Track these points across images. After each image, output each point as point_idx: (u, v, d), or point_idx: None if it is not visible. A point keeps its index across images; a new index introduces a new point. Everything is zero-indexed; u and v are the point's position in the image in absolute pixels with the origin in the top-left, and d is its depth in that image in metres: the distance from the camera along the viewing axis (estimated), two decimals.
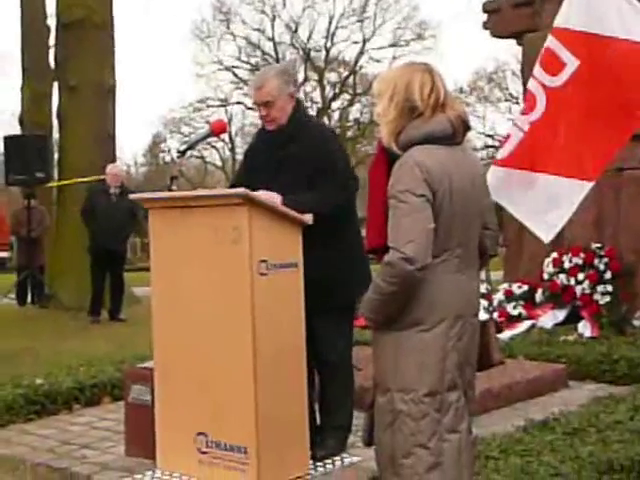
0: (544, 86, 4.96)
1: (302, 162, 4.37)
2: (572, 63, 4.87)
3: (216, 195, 4.35)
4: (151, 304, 4.49)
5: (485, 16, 9.20)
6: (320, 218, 4.23)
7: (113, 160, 12.74)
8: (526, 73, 8.49)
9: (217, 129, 4.45)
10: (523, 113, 5.08)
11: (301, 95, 32.34)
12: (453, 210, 3.03)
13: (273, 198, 4.20)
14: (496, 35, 9.14)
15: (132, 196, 4.71)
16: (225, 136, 41.09)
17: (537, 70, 5.02)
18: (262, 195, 4.15)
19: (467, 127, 3.18)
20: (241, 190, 4.05)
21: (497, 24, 9.05)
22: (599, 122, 4.87)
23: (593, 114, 4.88)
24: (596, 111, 4.87)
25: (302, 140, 4.42)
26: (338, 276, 4.43)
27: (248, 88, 6.01)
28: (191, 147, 4.44)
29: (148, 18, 45.45)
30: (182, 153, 4.44)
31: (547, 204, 4.96)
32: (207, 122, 5.56)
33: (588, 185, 4.95)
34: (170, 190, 4.39)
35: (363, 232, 3.69)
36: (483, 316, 3.35)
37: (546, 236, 5.05)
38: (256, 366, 4.09)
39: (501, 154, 5.08)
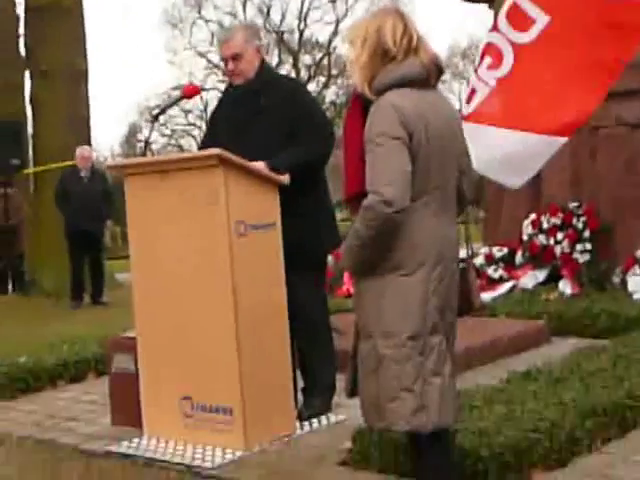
0: (512, 42, 4.94)
1: (275, 113, 4.36)
2: (541, 19, 4.85)
3: (191, 157, 4.34)
4: (130, 271, 4.47)
5: None
6: (301, 171, 4.22)
7: (89, 144, 12.68)
8: None
9: (189, 91, 4.44)
10: (489, 67, 5.04)
11: None
12: (430, 152, 3.03)
13: (259, 167, 4.18)
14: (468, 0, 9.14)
15: (107, 163, 4.69)
16: (202, 123, 40.97)
17: (503, 25, 4.98)
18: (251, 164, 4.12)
19: (440, 70, 3.18)
20: (216, 150, 4.03)
21: None
22: (573, 79, 4.85)
23: (567, 70, 4.86)
24: (570, 67, 4.86)
25: (273, 92, 4.42)
26: (308, 233, 4.44)
27: (216, 43, 6.03)
28: (164, 110, 4.45)
29: (119, 5, 45.20)
30: (155, 117, 4.45)
31: (518, 159, 4.95)
32: (181, 90, 5.59)
33: (561, 140, 4.93)
34: (144, 155, 4.37)
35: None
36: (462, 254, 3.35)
37: (513, 184, 5.04)
38: (238, 326, 4.09)
39: (466, 109, 5.05)
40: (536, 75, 4.91)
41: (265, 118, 4.38)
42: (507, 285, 7.82)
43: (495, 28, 5.04)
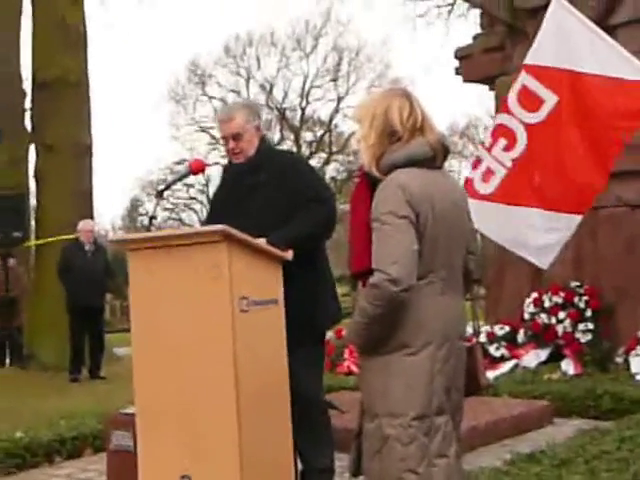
0: (524, 123, 5.02)
1: (275, 188, 4.38)
2: (550, 99, 4.94)
3: (195, 233, 4.34)
4: (131, 345, 4.43)
5: (457, 63, 9.32)
6: (308, 241, 4.21)
7: (92, 217, 12.73)
8: None
9: (196, 167, 4.45)
10: (505, 149, 5.12)
11: None
12: (436, 231, 3.04)
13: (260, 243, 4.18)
14: (468, 80, 9.26)
15: (111, 237, 4.69)
16: (203, 198, 41.20)
17: (514, 106, 5.07)
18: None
19: (447, 151, 3.21)
20: (220, 227, 4.04)
21: (469, 69, 9.18)
22: (581, 156, 4.94)
23: (574, 148, 4.95)
24: (577, 145, 4.94)
25: (272, 167, 4.45)
26: (308, 308, 4.41)
27: (216, 122, 6.12)
28: (169, 186, 4.46)
29: (123, 81, 45.86)
30: (161, 193, 4.44)
31: (536, 234, 5.01)
32: (187, 166, 5.63)
33: (578, 218, 5.01)
34: (149, 230, 4.38)
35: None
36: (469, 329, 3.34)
37: (541, 262, 5.09)
38: (239, 405, 4.03)
39: (484, 189, 5.10)
40: (549, 154, 4.99)
41: (264, 193, 4.40)
42: (509, 364, 7.77)
43: (506, 109, 5.12)
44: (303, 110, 39.70)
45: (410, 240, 2.96)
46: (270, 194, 4.40)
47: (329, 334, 8.06)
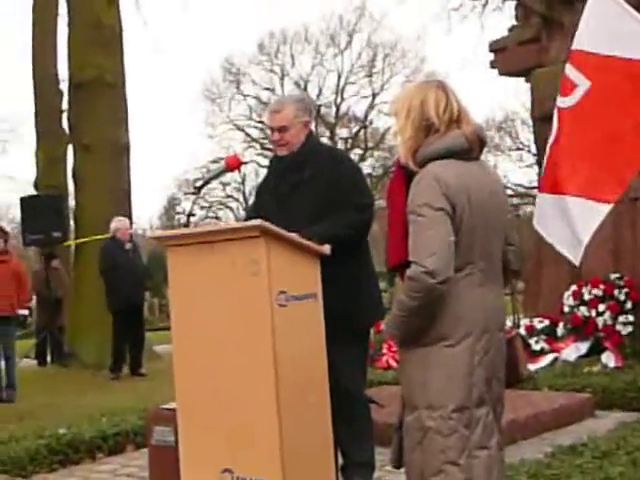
0: (558, 108, 4.96)
1: (318, 184, 4.38)
2: (583, 84, 4.87)
3: (233, 229, 4.36)
4: (171, 341, 4.47)
5: (492, 56, 9.27)
6: (341, 242, 4.23)
7: (130, 216, 12.83)
8: (535, 109, 8.57)
9: (232, 164, 4.47)
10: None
11: None
12: (473, 223, 3.04)
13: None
14: (504, 73, 9.22)
15: (150, 234, 4.73)
16: (239, 195, 41.35)
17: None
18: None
19: (483, 142, 3.20)
20: (257, 222, 4.05)
21: (504, 62, 9.13)
22: (614, 144, 4.85)
23: (608, 136, 4.86)
24: (610, 133, 4.85)
25: (316, 163, 4.44)
26: (352, 304, 4.41)
27: (266, 112, 6.13)
28: (207, 182, 4.47)
29: (159, 81, 46.13)
30: (198, 189, 4.46)
31: (570, 226, 4.93)
32: (224, 162, 5.65)
33: (607, 207, 4.90)
34: (187, 226, 4.41)
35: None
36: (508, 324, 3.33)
37: (575, 258, 5.02)
38: (279, 399, 4.05)
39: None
40: (579, 140, 4.91)
41: (307, 189, 4.41)
42: (549, 357, 7.73)
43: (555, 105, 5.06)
44: (338, 107, 39.70)
45: (446, 232, 2.96)
46: (313, 190, 4.40)
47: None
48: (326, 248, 4.25)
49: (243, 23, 48.76)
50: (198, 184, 4.46)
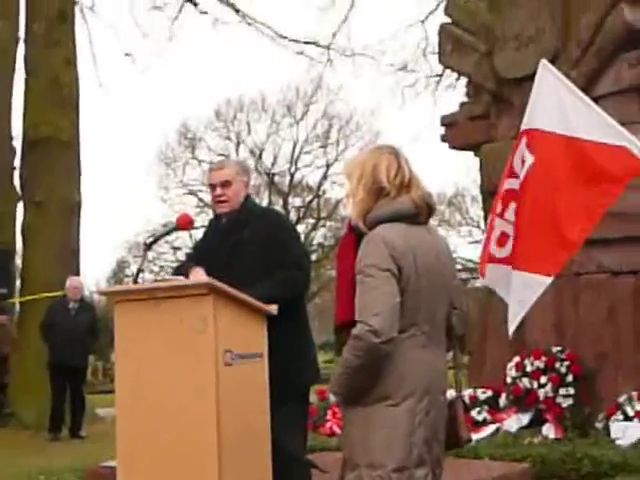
0: (511, 188, 5.13)
1: (256, 246, 4.48)
2: (528, 159, 5.04)
3: (181, 285, 4.39)
4: (115, 399, 4.45)
5: (443, 130, 9.49)
6: (279, 301, 4.29)
7: (77, 275, 12.74)
8: (484, 183, 8.76)
9: (183, 223, 4.52)
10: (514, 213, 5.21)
11: None
12: (419, 285, 3.12)
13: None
14: (454, 147, 9.43)
15: (99, 289, 4.75)
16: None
17: (519, 170, 5.16)
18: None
19: (431, 208, 3.30)
20: (206, 279, 4.11)
21: (454, 136, 9.34)
22: (557, 219, 5.00)
23: (550, 211, 5.01)
24: (552, 207, 5.01)
25: (255, 224, 4.56)
26: (291, 363, 4.45)
27: (207, 172, 6.21)
28: (157, 240, 4.52)
29: (114, 142, 46.25)
30: (148, 246, 4.50)
31: (513, 299, 5.06)
32: (175, 220, 5.72)
33: (548, 280, 5.03)
34: (136, 282, 4.43)
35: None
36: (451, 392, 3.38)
37: (509, 330, 5.11)
38: (221, 459, 4.04)
39: (501, 252, 5.16)
40: (524, 215, 5.06)
41: (247, 250, 4.50)
42: (491, 427, 7.79)
43: (512, 174, 5.20)
44: (292, 176, 39.93)
45: (392, 293, 3.04)
46: (252, 252, 4.49)
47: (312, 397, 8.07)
48: (273, 308, 4.30)
49: (200, 88, 49.12)
50: (148, 241, 4.51)
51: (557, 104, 5.04)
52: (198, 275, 4.31)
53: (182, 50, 48.78)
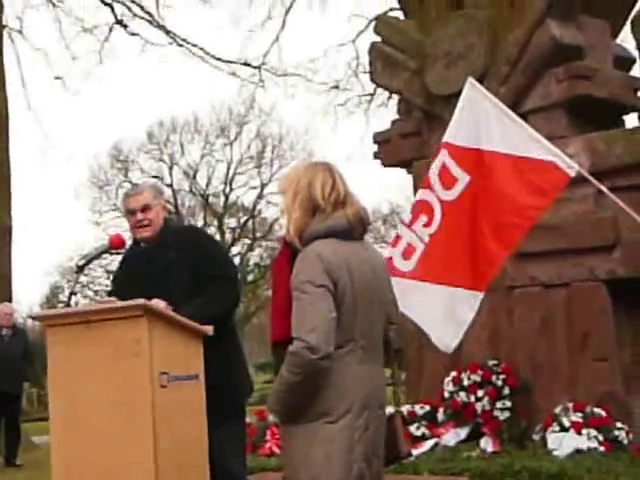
0: (440, 200, 5.17)
1: (183, 265, 4.46)
2: (463, 178, 5.10)
3: (115, 308, 4.33)
4: (50, 425, 4.36)
5: (376, 147, 9.55)
6: (211, 317, 4.26)
7: (9, 301, 12.51)
8: None
9: (115, 243, 4.48)
10: (424, 225, 5.25)
11: None
12: (355, 300, 3.12)
13: (167, 309, 4.24)
14: (387, 164, 9.48)
15: (32, 313, 4.66)
16: None
17: (435, 183, 5.21)
18: (159, 304, 4.17)
19: (365, 223, 3.30)
20: (140, 301, 4.05)
21: (387, 153, 9.40)
22: (488, 234, 5.07)
23: (482, 227, 5.09)
24: (485, 224, 5.08)
25: (179, 244, 4.54)
26: (225, 380, 4.44)
27: (123, 200, 6.08)
28: (90, 261, 4.45)
29: (45, 165, 45.60)
30: (81, 268, 4.43)
31: (446, 315, 5.09)
32: (107, 241, 5.65)
33: (480, 295, 5.09)
34: (69, 305, 4.36)
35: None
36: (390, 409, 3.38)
37: (447, 347, 5.15)
38: None
39: (405, 266, 5.19)
40: (459, 231, 5.11)
41: (176, 269, 4.48)
42: (430, 443, 7.81)
43: (427, 185, 5.26)
44: (227, 196, 39.85)
45: (328, 308, 3.04)
46: (181, 271, 4.48)
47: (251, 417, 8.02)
48: (209, 329, 4.27)
49: (132, 110, 48.81)
50: (80, 262, 4.43)
51: (484, 121, 5.12)
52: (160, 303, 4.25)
53: (113, 72, 48.49)
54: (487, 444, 7.48)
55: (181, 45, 19.37)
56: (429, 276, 5.15)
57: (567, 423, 7.21)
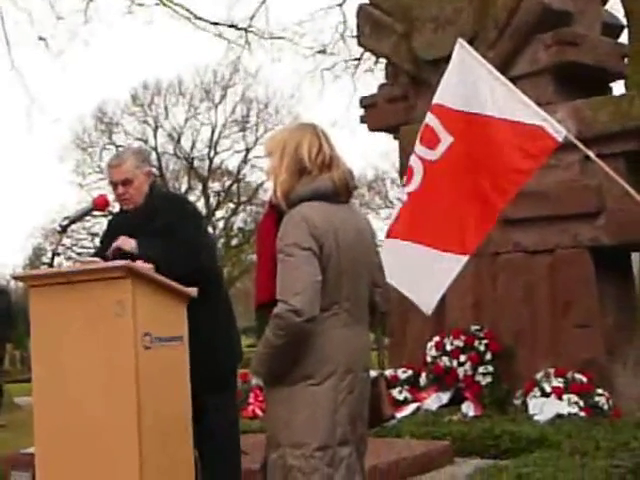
0: (422, 159, 5.12)
1: (168, 235, 4.39)
2: (446, 139, 5.06)
3: (98, 269, 4.31)
4: (32, 385, 4.36)
5: (362, 111, 9.50)
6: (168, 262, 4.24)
7: None
8: (403, 164, 8.80)
9: (99, 203, 4.45)
10: (404, 184, 5.24)
11: None
12: (340, 264, 3.11)
13: (130, 243, 4.24)
14: (373, 129, 9.44)
15: (14, 273, 4.63)
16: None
17: (417, 145, 5.18)
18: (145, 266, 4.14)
19: (350, 186, 3.28)
20: (124, 262, 4.03)
21: (373, 118, 9.36)
22: (472, 198, 5.04)
23: (466, 190, 5.05)
24: (469, 187, 5.05)
25: (164, 212, 4.49)
26: (215, 349, 4.44)
27: (106, 169, 6.07)
28: (73, 222, 4.42)
29: (29, 126, 45.04)
30: (64, 228, 4.40)
31: (425, 276, 5.07)
32: (91, 201, 5.62)
33: (464, 259, 5.07)
34: (52, 266, 4.33)
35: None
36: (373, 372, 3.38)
37: (426, 308, 5.14)
38: (141, 444, 3.99)
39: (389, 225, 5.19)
40: (441, 193, 5.08)
41: (162, 238, 4.42)
42: (412, 407, 7.86)
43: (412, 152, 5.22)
44: (211, 160, 39.63)
45: (313, 272, 3.02)
46: (168, 238, 4.42)
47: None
48: (194, 291, 4.25)
49: (117, 72, 48.38)
50: (64, 223, 4.40)
51: (472, 83, 5.07)
52: (127, 241, 4.23)
53: (98, 33, 47.96)
54: (469, 408, 7.54)
55: (166, 5, 19.13)
56: (407, 234, 5.10)
57: (548, 388, 7.26)
